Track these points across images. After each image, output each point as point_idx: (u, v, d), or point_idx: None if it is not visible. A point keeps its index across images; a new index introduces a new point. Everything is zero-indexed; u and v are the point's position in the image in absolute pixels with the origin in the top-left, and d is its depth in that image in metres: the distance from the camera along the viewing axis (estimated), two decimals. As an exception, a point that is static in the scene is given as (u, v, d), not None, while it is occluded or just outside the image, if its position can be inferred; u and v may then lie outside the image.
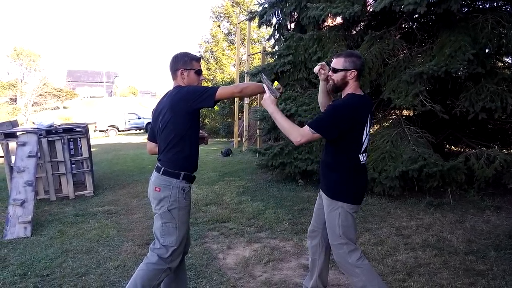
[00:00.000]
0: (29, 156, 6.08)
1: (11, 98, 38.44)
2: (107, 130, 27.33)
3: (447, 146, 7.94)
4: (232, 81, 17.83)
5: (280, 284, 3.44)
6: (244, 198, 6.42)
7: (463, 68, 5.41)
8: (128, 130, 28.61)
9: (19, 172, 5.83)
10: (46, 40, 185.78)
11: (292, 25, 8.36)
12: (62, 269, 3.92)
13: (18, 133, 6.62)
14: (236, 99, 13.98)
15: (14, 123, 7.19)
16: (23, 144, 6.22)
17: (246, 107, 13.19)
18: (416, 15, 6.76)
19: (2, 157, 7.09)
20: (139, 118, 29.17)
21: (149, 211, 5.82)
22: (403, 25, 7.12)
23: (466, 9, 6.49)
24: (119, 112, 31.61)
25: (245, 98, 12.78)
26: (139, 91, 78.52)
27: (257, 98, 14.24)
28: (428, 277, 3.43)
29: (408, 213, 5.33)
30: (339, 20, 7.43)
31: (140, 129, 28.67)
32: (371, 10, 6.61)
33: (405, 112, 7.24)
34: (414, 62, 6.13)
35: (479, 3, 6.59)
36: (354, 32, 7.56)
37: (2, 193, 7.56)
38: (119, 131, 27.89)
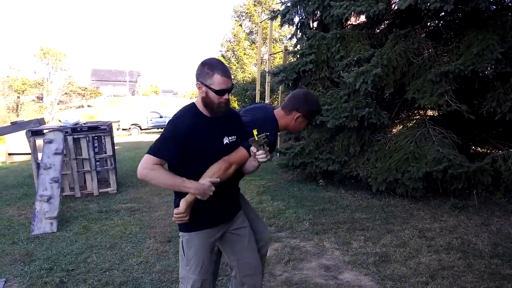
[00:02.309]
0: (55, 154, 6.21)
1: (37, 97, 39.27)
2: (129, 128, 27.72)
3: (473, 147, 7.76)
4: (253, 80, 17.81)
5: (300, 283, 3.42)
6: (264, 198, 6.41)
7: (491, 67, 5.28)
8: (150, 129, 28.95)
9: (45, 169, 5.96)
10: (72, 40, 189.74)
11: (315, 24, 8.30)
12: (86, 264, 4.00)
13: (45, 131, 6.76)
14: (257, 98, 13.95)
15: (41, 121, 7.33)
16: (50, 142, 6.35)
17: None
18: (443, 13, 6.62)
19: (29, 154, 7.25)
20: (161, 117, 29.46)
21: (170, 209, 5.87)
22: (428, 24, 6.99)
23: (494, 7, 6.32)
24: (141, 111, 32.03)
25: (266, 97, 12.76)
26: (161, 90, 79.38)
27: (277, 98, 14.22)
28: (452, 280, 3.36)
29: (432, 215, 5.23)
30: (362, 18, 7.35)
31: (162, 128, 28.93)
32: (395, 8, 6.52)
33: (429, 112, 7.11)
34: (439, 61, 6.01)
35: (508, 1, 6.42)
36: (378, 30, 7.47)
37: (29, 190, 7.75)
38: (141, 129, 28.25)
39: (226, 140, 2.21)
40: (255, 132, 2.10)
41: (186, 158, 2.13)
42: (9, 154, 13.74)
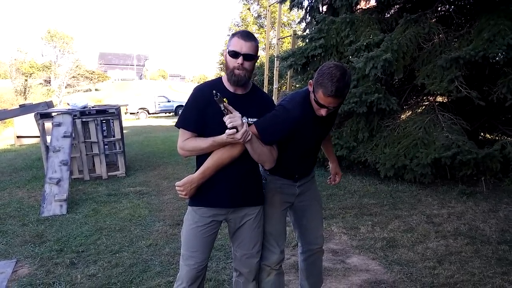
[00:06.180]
0: (64, 136, 6.24)
1: (45, 80, 39.33)
2: (137, 112, 27.73)
3: (482, 133, 7.71)
4: (261, 65, 17.70)
5: (308, 267, 3.45)
6: (272, 182, 6.41)
7: (502, 53, 5.22)
8: (158, 113, 28.93)
9: (54, 152, 6.01)
10: (79, 23, 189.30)
11: (324, 8, 8.21)
12: (96, 246, 4.06)
13: (53, 114, 6.79)
14: (265, 83, 13.92)
15: (50, 104, 7.36)
16: (59, 125, 6.39)
17: (275, 91, 13.12)
18: (454, -2, 6.55)
19: (38, 137, 7.30)
20: (168, 101, 29.41)
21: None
22: (439, 8, 6.90)
23: (507, -9, 6.23)
24: (149, 95, 32.02)
25: (274, 82, 12.72)
26: (169, 75, 79.37)
27: (286, 83, 14.15)
28: (459, 265, 3.38)
29: (440, 201, 5.24)
30: (372, 2, 7.29)
31: (169, 112, 28.94)
32: (406, -8, 6.45)
33: (439, 98, 7.05)
34: (450, 46, 5.95)
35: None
36: (388, 15, 7.40)
37: (38, 172, 7.83)
38: (149, 113, 28.25)
39: (244, 120, 1.94)
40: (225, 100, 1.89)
41: (207, 132, 2.05)
42: (18, 137, 13.83)
